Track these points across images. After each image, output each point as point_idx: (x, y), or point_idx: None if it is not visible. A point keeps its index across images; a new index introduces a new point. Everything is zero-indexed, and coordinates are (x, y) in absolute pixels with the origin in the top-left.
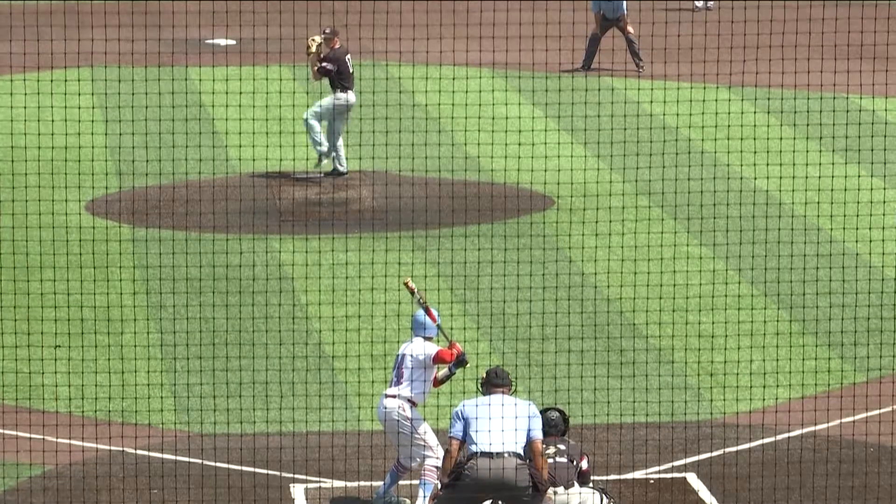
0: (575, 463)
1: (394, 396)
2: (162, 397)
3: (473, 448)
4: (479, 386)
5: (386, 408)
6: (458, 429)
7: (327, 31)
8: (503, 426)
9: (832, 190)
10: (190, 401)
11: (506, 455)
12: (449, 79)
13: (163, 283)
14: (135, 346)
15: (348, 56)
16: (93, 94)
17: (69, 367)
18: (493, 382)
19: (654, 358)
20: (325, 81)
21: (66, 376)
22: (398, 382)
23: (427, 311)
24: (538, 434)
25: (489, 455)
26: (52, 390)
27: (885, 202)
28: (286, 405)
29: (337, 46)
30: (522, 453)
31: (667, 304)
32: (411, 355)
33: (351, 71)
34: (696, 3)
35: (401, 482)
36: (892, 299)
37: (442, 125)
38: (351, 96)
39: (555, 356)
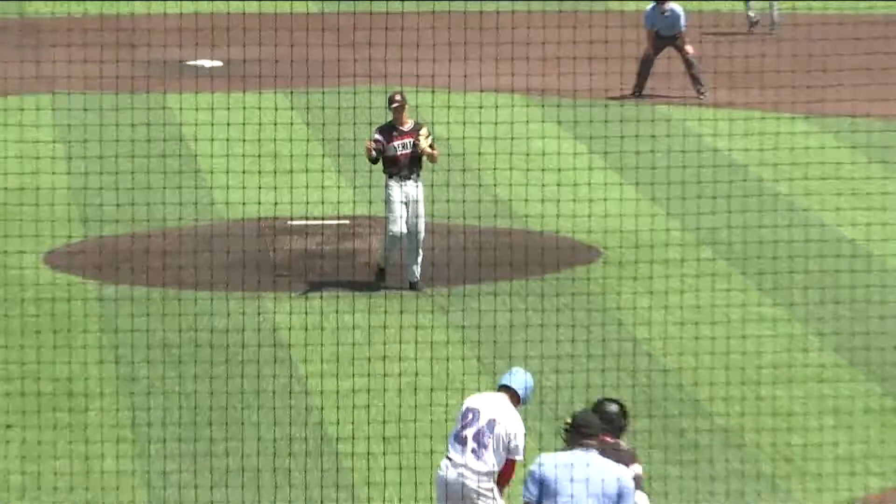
0: None
1: (484, 474)
2: (133, 487)
3: None
4: (562, 434)
5: (475, 488)
6: (533, 492)
7: (398, 97)
8: (588, 490)
9: None
10: (167, 492)
11: None
12: (475, 107)
13: (135, 351)
14: (101, 425)
15: None
16: (53, 125)
17: (22, 450)
18: (582, 432)
19: (721, 440)
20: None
21: (19, 462)
22: (482, 454)
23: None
24: None
25: None
26: (3, 478)
27: None
28: (281, 497)
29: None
30: None
31: (734, 376)
32: (505, 428)
33: None
34: (750, 13)
35: None
36: None
37: (466, 162)
38: None
39: None
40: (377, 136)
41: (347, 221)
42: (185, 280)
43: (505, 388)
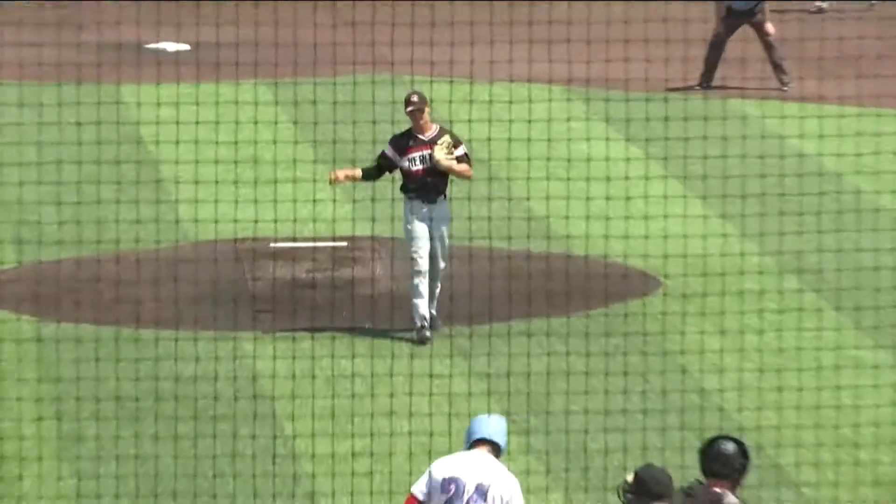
0: None
1: None
2: None
3: None
4: (621, 495)
5: None
6: None
7: (414, 98)
8: None
9: None
10: None
11: None
12: (503, 101)
13: (81, 405)
14: (39, 497)
15: None
16: None
17: None
18: (650, 490)
19: None
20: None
21: None
22: None
23: None
24: None
25: None
26: None
27: None
28: None
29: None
30: None
31: (827, 436)
32: (500, 491)
33: None
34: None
35: None
36: None
37: (493, 170)
38: None
39: None
40: (388, 152)
41: (345, 243)
42: (144, 316)
43: (481, 442)
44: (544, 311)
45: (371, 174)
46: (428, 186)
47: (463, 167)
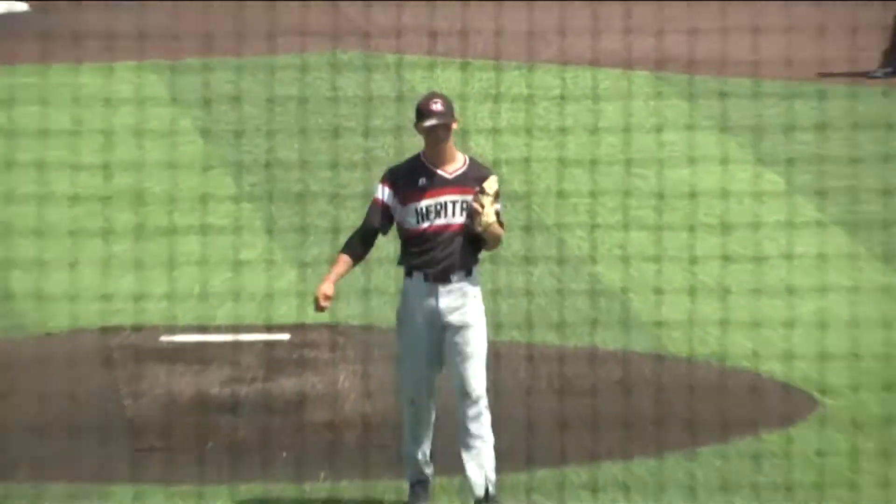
0: None
1: None
2: None
3: None
4: None
5: None
6: None
7: (437, 104)
8: None
9: None
10: None
11: None
12: (552, 99)
13: None
14: None
15: None
16: None
17: None
18: None
19: None
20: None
21: None
22: None
23: None
24: None
25: None
26: None
27: None
28: None
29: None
30: None
31: None
32: None
33: None
34: None
35: None
36: None
37: (535, 213)
38: None
39: None
40: (384, 198)
41: (287, 336)
42: None
43: None
44: (620, 448)
45: (357, 251)
46: (444, 256)
47: (502, 230)
